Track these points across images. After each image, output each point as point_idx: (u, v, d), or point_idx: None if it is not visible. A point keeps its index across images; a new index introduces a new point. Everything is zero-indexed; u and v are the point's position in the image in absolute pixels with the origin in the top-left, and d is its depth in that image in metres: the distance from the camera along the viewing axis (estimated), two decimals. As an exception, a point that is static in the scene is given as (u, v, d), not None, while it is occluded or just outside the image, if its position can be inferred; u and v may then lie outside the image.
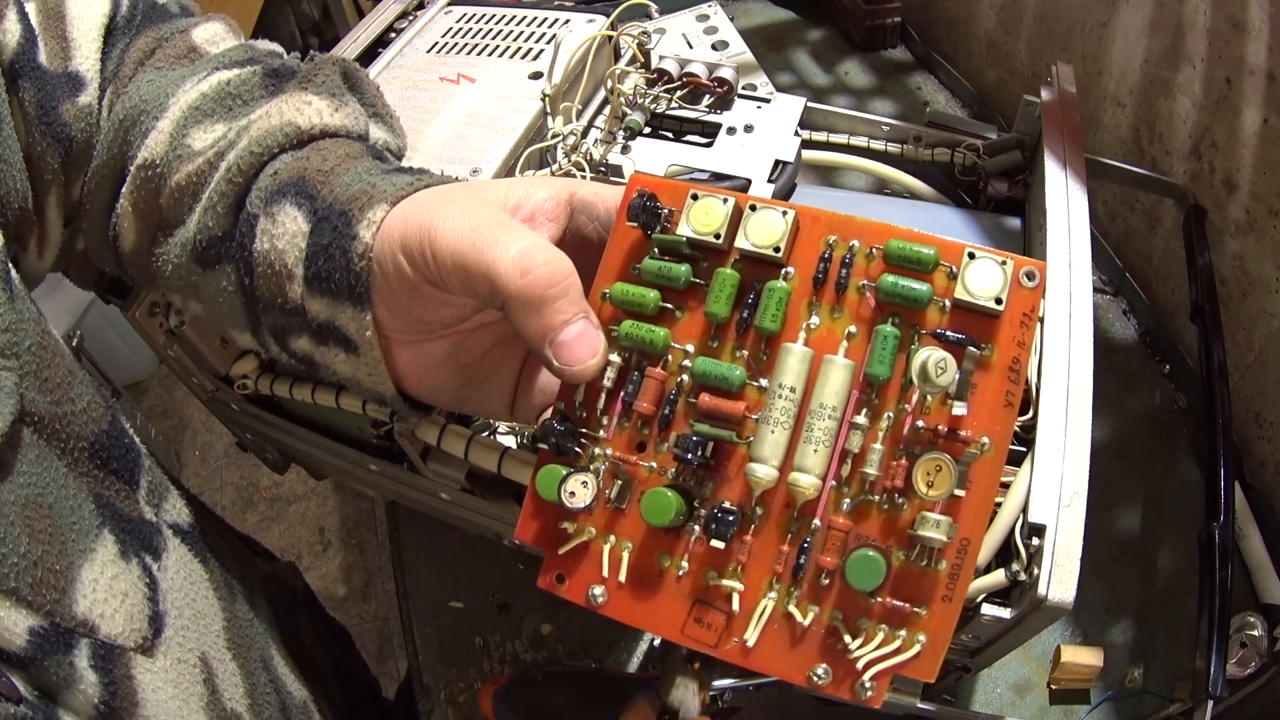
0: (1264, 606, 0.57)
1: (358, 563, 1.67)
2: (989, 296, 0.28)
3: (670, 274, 0.30)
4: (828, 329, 0.30)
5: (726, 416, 0.30)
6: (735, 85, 0.61)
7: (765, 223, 0.30)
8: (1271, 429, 0.62)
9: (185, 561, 0.38)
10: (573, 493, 0.30)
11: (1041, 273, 0.28)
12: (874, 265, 0.29)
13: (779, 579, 0.29)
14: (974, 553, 0.28)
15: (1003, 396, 0.28)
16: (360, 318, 0.32)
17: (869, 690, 0.28)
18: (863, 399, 0.29)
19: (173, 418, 1.90)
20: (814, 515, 0.29)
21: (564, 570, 0.32)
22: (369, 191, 0.32)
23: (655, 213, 0.31)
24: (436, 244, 0.30)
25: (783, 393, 0.29)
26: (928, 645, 0.28)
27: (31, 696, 0.28)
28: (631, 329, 0.31)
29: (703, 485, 0.30)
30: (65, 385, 0.32)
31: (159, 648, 0.33)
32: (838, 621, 0.29)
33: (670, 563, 0.30)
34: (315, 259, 0.32)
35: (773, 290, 0.30)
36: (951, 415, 0.28)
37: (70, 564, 0.30)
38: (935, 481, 0.28)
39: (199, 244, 0.34)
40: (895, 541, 0.28)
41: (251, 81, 0.37)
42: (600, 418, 0.31)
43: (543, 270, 0.29)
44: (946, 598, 0.28)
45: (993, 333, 0.28)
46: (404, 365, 0.34)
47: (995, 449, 0.28)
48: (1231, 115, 0.61)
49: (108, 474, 0.34)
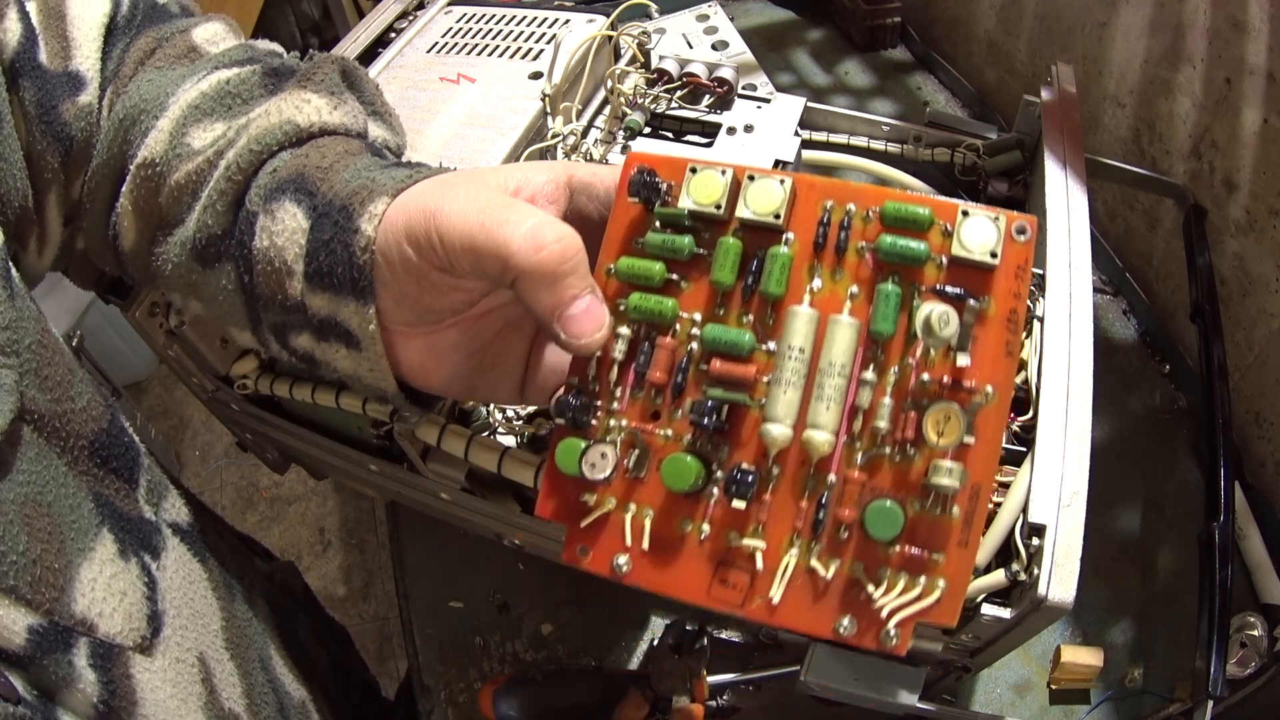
0: (1264, 606, 0.57)
1: (358, 563, 1.67)
2: (985, 251, 0.29)
3: (674, 246, 0.31)
4: (830, 291, 0.31)
5: (738, 380, 0.31)
6: (735, 85, 0.61)
7: (764, 191, 0.31)
8: (1271, 429, 0.62)
9: (184, 561, 0.38)
10: (594, 464, 0.31)
11: (1032, 226, 0.29)
12: (871, 227, 0.30)
13: (799, 535, 0.30)
14: (985, 497, 0.29)
15: (1003, 346, 0.29)
16: (363, 311, 0.32)
17: (894, 638, 0.29)
18: (868, 356, 0.30)
19: (173, 418, 1.90)
20: (829, 471, 0.30)
21: (586, 543, 0.32)
22: (369, 185, 0.32)
23: (655, 187, 0.31)
24: (444, 228, 0.30)
25: (792, 353, 0.30)
26: (947, 590, 0.29)
27: (30, 696, 0.28)
28: (640, 301, 0.32)
29: (718, 450, 0.31)
30: (65, 384, 0.32)
31: (157, 647, 0.33)
32: (859, 573, 0.30)
33: (691, 527, 0.31)
34: (316, 254, 0.32)
35: (776, 256, 0.31)
36: (955, 366, 0.29)
37: (69, 562, 0.30)
38: (945, 430, 0.29)
39: (198, 242, 0.35)
40: (909, 492, 0.29)
41: (251, 80, 0.37)
42: (613, 390, 0.32)
43: (556, 246, 0.30)
44: (962, 543, 0.29)
45: (989, 286, 0.29)
46: (413, 357, 0.34)
47: (999, 397, 0.29)
48: (1231, 115, 0.61)
49: (107, 473, 0.34)
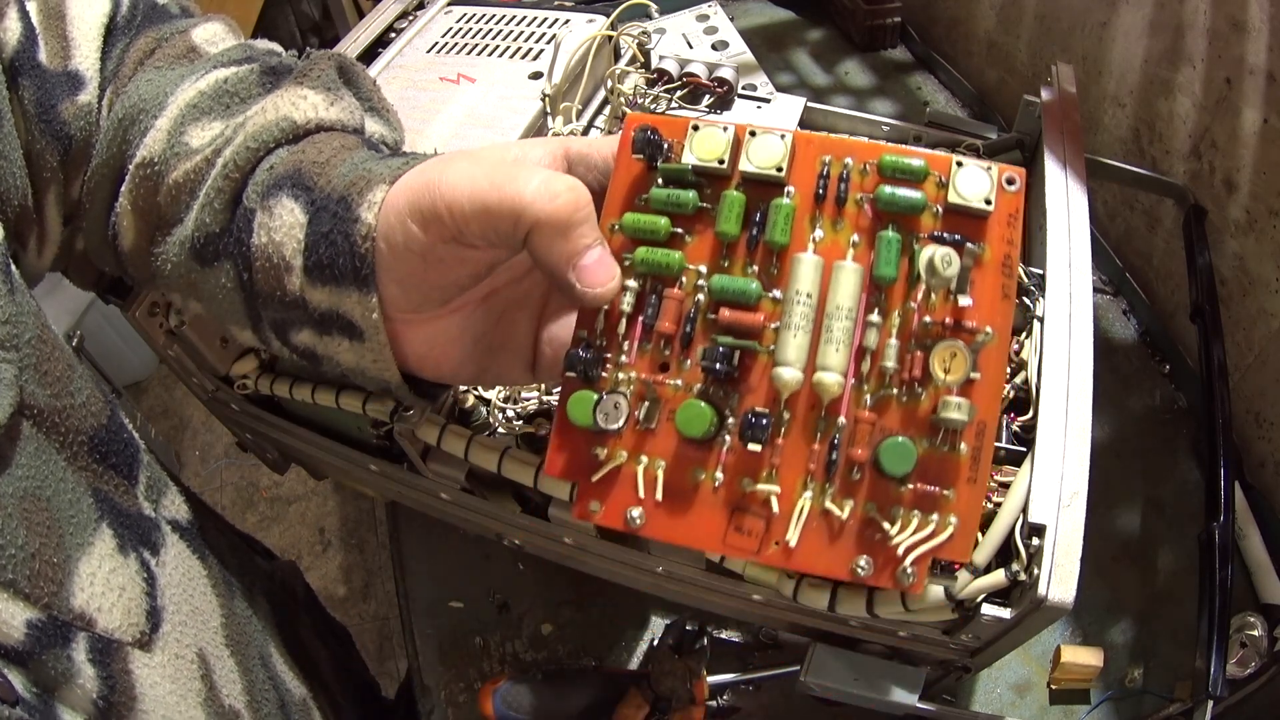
0: (1264, 606, 0.57)
1: (358, 563, 1.67)
2: (980, 198, 0.30)
3: (679, 200, 0.32)
4: (832, 240, 0.32)
5: (747, 328, 0.31)
6: (735, 85, 0.61)
7: (766, 146, 0.32)
8: (1271, 429, 0.62)
9: (184, 557, 0.38)
10: (607, 414, 0.32)
11: (1021, 178, 0.30)
12: (869, 179, 0.32)
13: (813, 477, 0.31)
14: (991, 434, 0.30)
15: (1000, 289, 0.30)
16: (366, 300, 0.32)
17: (910, 575, 0.30)
18: (872, 300, 0.31)
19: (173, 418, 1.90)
20: (839, 413, 0.31)
21: (598, 498, 0.33)
22: (366, 176, 0.32)
23: (658, 144, 0.32)
24: (450, 195, 0.30)
25: (800, 299, 0.31)
26: (959, 526, 0.30)
27: (30, 694, 0.28)
28: (646, 254, 0.32)
29: (729, 397, 0.32)
30: (65, 379, 0.32)
31: (157, 643, 0.33)
32: (873, 512, 0.31)
33: (705, 475, 0.32)
34: (315, 248, 0.32)
35: (779, 206, 0.31)
36: (957, 307, 0.30)
37: (68, 557, 0.30)
38: (952, 367, 0.30)
39: (197, 241, 0.35)
40: (918, 430, 0.30)
41: (249, 79, 0.37)
42: (621, 343, 0.33)
43: (569, 195, 0.30)
44: (971, 479, 0.30)
45: (984, 232, 0.31)
46: (420, 347, 0.34)
47: (999, 337, 0.30)
48: (1231, 115, 0.61)
49: (106, 468, 0.34)
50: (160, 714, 0.33)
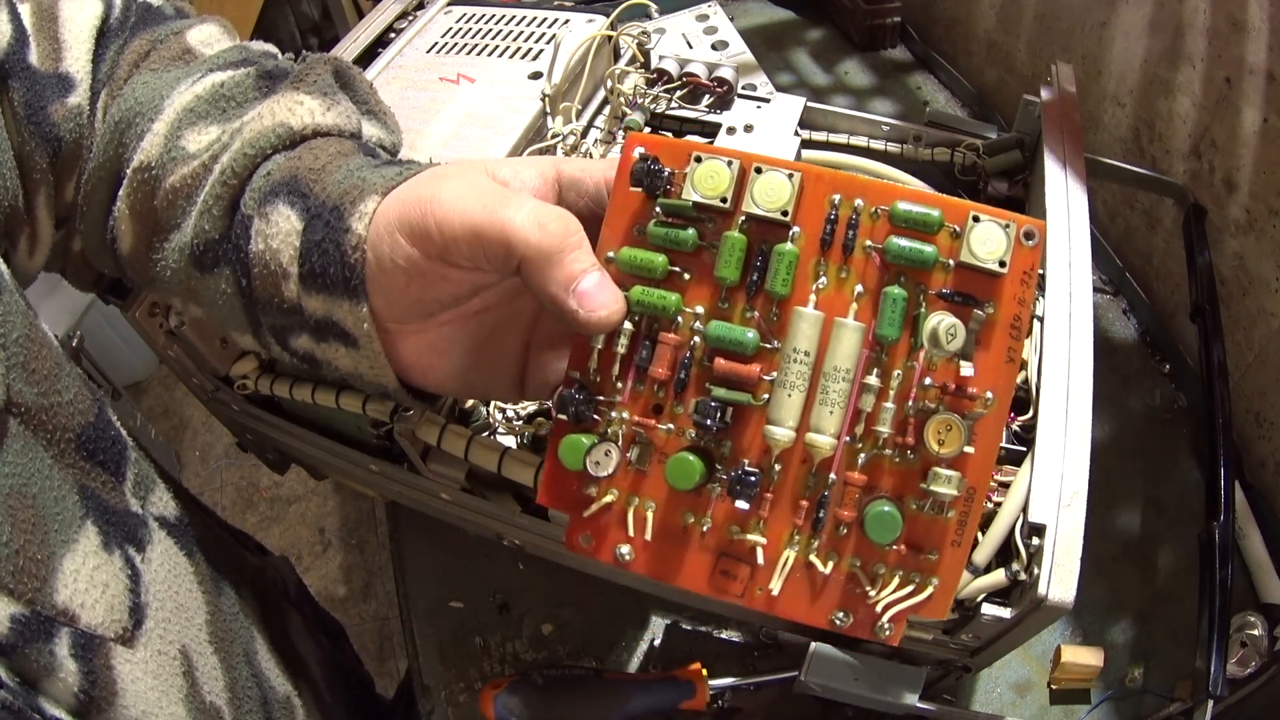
0: (1264, 606, 0.57)
1: (358, 563, 1.67)
2: (993, 259, 0.29)
3: (677, 239, 0.31)
4: (836, 289, 0.30)
5: (742, 380, 0.31)
6: (735, 85, 0.61)
7: (772, 185, 0.30)
8: (1271, 429, 0.62)
9: (170, 554, 0.38)
10: (598, 462, 0.31)
11: (1041, 232, 0.29)
12: (879, 225, 0.30)
13: (799, 531, 0.31)
14: (980, 499, 0.30)
15: (1005, 353, 0.29)
16: (357, 310, 0.32)
17: (887, 630, 0.30)
18: (873, 357, 0.30)
19: (173, 418, 1.90)
20: (830, 470, 0.30)
21: (589, 531, 0.33)
22: (360, 185, 0.32)
23: (658, 175, 0.31)
24: (442, 213, 0.30)
25: (796, 356, 0.30)
26: (940, 587, 0.30)
27: (13, 683, 0.28)
28: (642, 295, 0.31)
29: (721, 445, 0.31)
30: (52, 377, 0.32)
31: (139, 639, 0.34)
32: (856, 569, 0.30)
33: (694, 519, 0.32)
34: (309, 255, 0.32)
35: (782, 254, 0.30)
36: (959, 374, 0.29)
37: (52, 554, 0.30)
38: (946, 440, 0.29)
39: (196, 248, 0.35)
40: (907, 493, 0.30)
41: (245, 84, 0.37)
42: (615, 383, 0.32)
43: (558, 223, 0.30)
44: (956, 542, 0.30)
45: (995, 291, 0.29)
46: (408, 356, 0.34)
47: (998, 403, 0.29)
48: (1231, 115, 0.61)
49: (93, 465, 0.34)
50: (140, 709, 0.33)
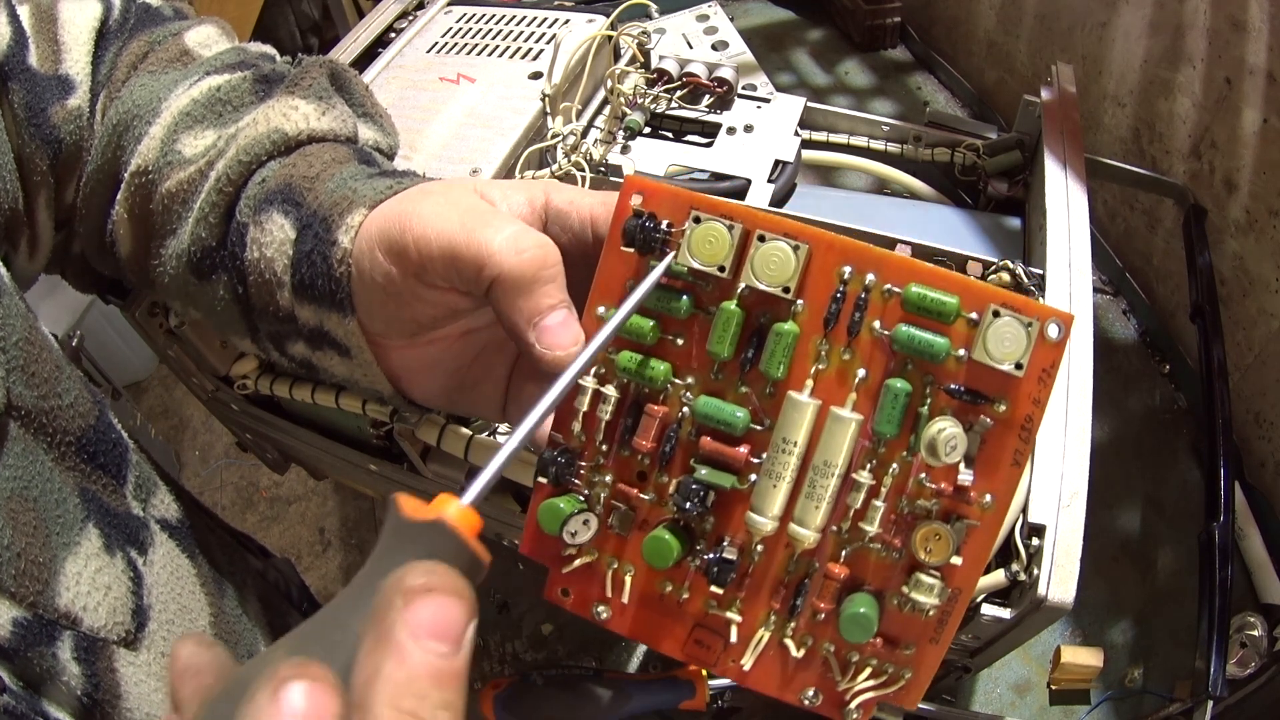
0: (1264, 606, 0.57)
1: (358, 563, 1.66)
2: (1010, 361, 0.26)
3: (669, 307, 0.29)
4: (837, 370, 0.28)
5: (728, 462, 0.29)
6: (735, 85, 0.61)
7: (775, 258, 0.28)
8: (1271, 429, 0.62)
9: (172, 556, 0.38)
10: (574, 533, 0.30)
11: (1067, 326, 0.26)
12: (890, 306, 0.27)
13: (775, 613, 0.30)
14: (964, 601, 0.28)
15: (1011, 455, 0.27)
16: (345, 323, 0.32)
17: (855, 715, 0.29)
18: (869, 448, 0.28)
19: (173, 418, 1.90)
20: (812, 557, 0.29)
21: (568, 585, 0.32)
22: (349, 197, 0.32)
23: (652, 234, 0.28)
24: (420, 231, 0.30)
25: (786, 446, 0.28)
26: (912, 679, 0.29)
27: (16, 687, 0.28)
28: (629, 363, 0.30)
29: (704, 520, 0.30)
30: (52, 380, 0.32)
31: (142, 641, 0.34)
32: (829, 654, 0.29)
33: (672, 589, 0.31)
34: (300, 266, 0.32)
35: (780, 335, 0.28)
36: (957, 482, 0.27)
37: (54, 557, 0.30)
38: (933, 549, 0.27)
39: (194, 255, 0.35)
40: (889, 587, 0.29)
41: (242, 87, 0.37)
42: (599, 446, 0.31)
43: (536, 251, 0.29)
44: (934, 640, 0.28)
45: (1009, 390, 0.26)
46: (396, 369, 0.34)
47: (996, 506, 0.27)
48: (1231, 115, 0.61)
49: (94, 468, 0.34)
50: (144, 711, 0.33)
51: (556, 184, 0.33)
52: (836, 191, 0.63)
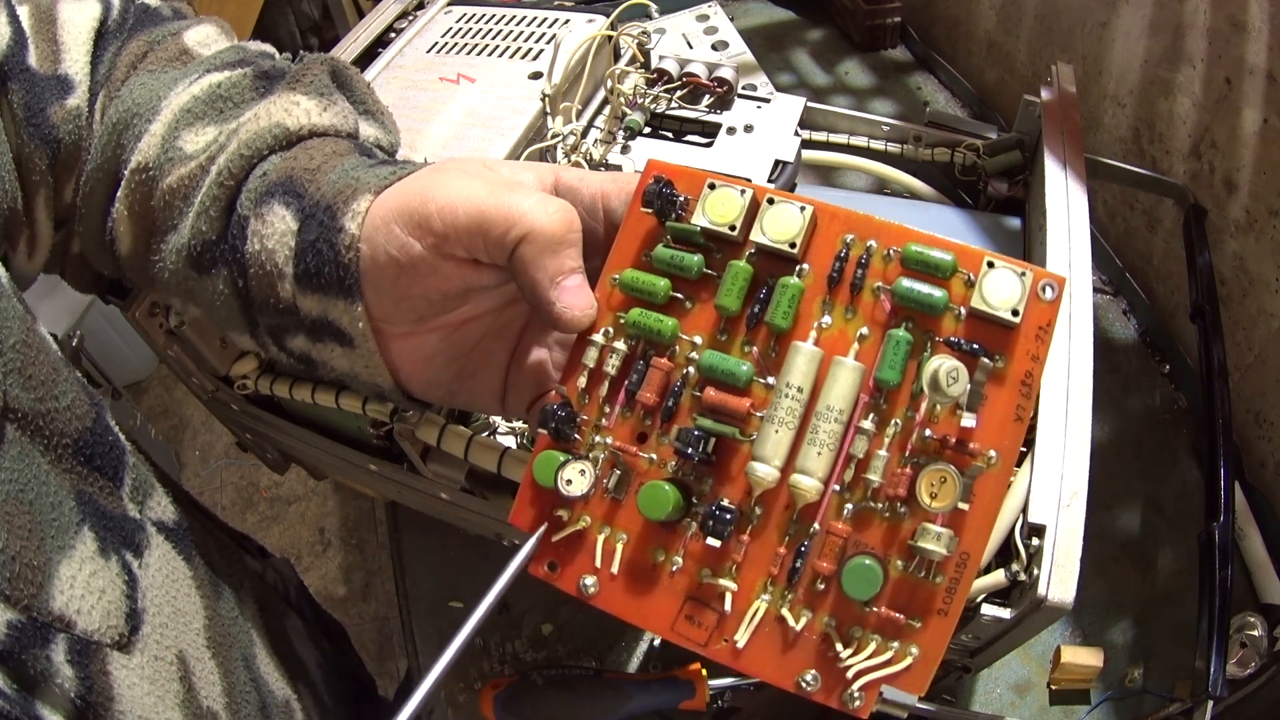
0: (1264, 606, 0.57)
1: (358, 563, 1.67)
2: (1006, 308, 0.27)
3: (682, 264, 0.30)
4: (840, 329, 0.29)
5: (731, 412, 0.29)
6: (735, 85, 0.61)
7: (782, 217, 0.29)
8: (1271, 429, 0.62)
9: (168, 559, 0.38)
10: (569, 480, 0.30)
11: (1060, 286, 0.27)
12: (890, 267, 0.29)
13: (774, 581, 0.29)
14: (973, 567, 0.27)
15: (1013, 410, 0.27)
16: (351, 309, 0.32)
17: (857, 700, 0.28)
18: (870, 403, 0.28)
19: (173, 418, 1.90)
20: (813, 519, 0.29)
21: (557, 558, 0.32)
22: (353, 184, 0.32)
23: (671, 199, 0.30)
24: (444, 201, 0.30)
25: (789, 392, 0.28)
26: (920, 658, 0.27)
27: (10, 690, 0.28)
28: (639, 317, 0.31)
29: (702, 481, 0.30)
30: (49, 382, 0.32)
31: (136, 645, 0.33)
32: (830, 628, 0.28)
33: (665, 558, 0.30)
34: (304, 256, 0.32)
35: (785, 286, 0.29)
36: (961, 427, 0.27)
37: (48, 560, 0.30)
38: (939, 493, 0.27)
39: (193, 249, 0.35)
40: (894, 551, 0.28)
41: (242, 84, 0.37)
42: (603, 406, 0.31)
43: (565, 212, 0.30)
44: (942, 611, 0.27)
45: (1007, 344, 0.27)
46: (396, 360, 0.34)
47: (1002, 463, 0.27)
48: (1231, 115, 0.61)
49: (91, 471, 0.34)
50: (137, 715, 0.33)
51: (563, 165, 0.34)
52: (836, 191, 0.63)
